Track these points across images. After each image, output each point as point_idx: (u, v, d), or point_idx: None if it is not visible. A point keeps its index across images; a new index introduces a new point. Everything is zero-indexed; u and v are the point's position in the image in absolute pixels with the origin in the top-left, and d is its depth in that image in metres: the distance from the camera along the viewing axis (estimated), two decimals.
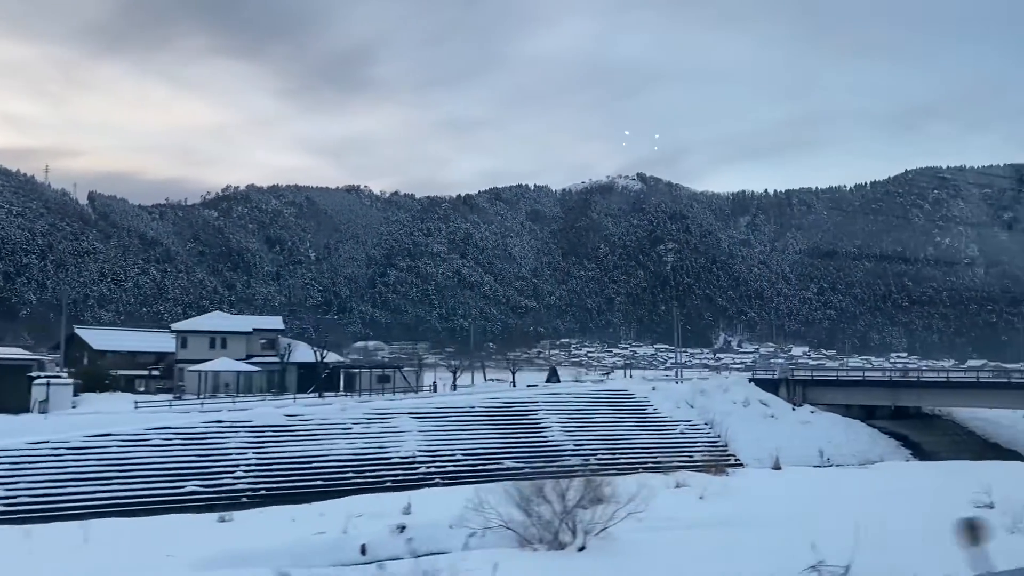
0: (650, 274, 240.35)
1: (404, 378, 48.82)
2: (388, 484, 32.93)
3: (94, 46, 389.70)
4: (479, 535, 13.41)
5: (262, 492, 29.88)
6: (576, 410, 42.81)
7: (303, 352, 52.61)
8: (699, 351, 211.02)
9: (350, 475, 32.17)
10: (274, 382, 47.72)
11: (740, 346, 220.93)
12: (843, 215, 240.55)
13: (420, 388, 47.30)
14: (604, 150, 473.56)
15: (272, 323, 59.54)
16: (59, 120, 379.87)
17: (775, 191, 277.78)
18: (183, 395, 46.18)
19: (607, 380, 53.35)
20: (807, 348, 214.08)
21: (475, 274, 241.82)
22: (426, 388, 48.83)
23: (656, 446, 40.47)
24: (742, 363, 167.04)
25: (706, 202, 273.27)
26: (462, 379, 60.81)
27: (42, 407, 38.22)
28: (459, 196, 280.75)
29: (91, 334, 64.28)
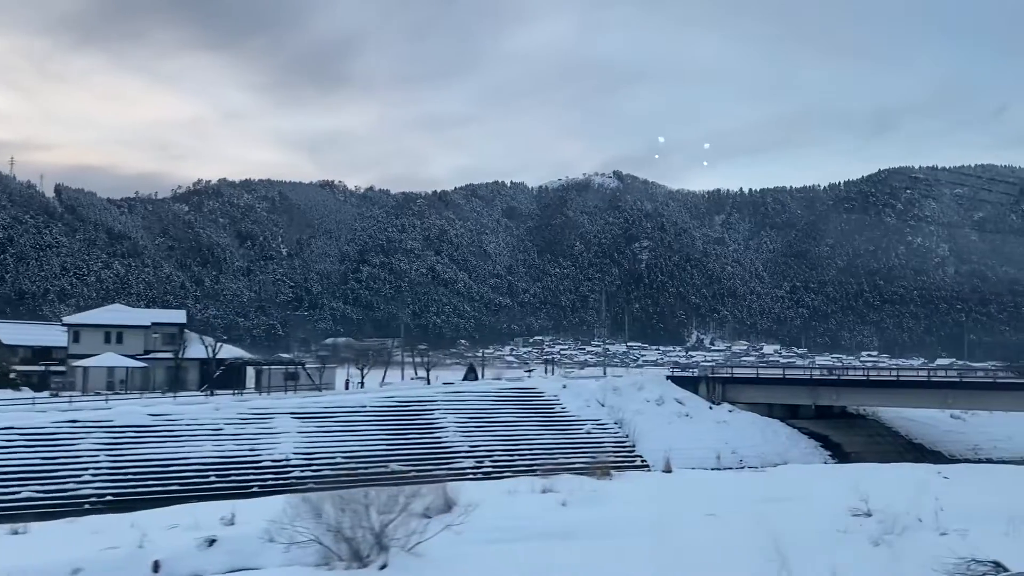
0: (625, 272, 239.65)
1: (308, 376, 47.06)
2: (255, 489, 31.37)
3: (68, 38, 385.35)
4: (293, 549, 12.02)
5: (108, 498, 28.15)
6: (478, 409, 41.22)
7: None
8: (671, 349, 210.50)
9: (212, 479, 30.51)
10: (172, 379, 46.11)
11: (713, 344, 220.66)
12: (816, 214, 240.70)
13: (324, 386, 45.62)
14: (582, 148, 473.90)
15: (173, 317, 57.17)
16: (32, 113, 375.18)
17: (750, 190, 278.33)
18: (60, 392, 44.04)
19: (526, 378, 51.86)
20: (779, 346, 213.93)
21: (449, 271, 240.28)
22: (327, 386, 45.64)
23: (559, 446, 39.00)
24: (713, 360, 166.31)
25: (682, 200, 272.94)
26: (390, 376, 58.90)
27: None
28: (435, 192, 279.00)
29: None
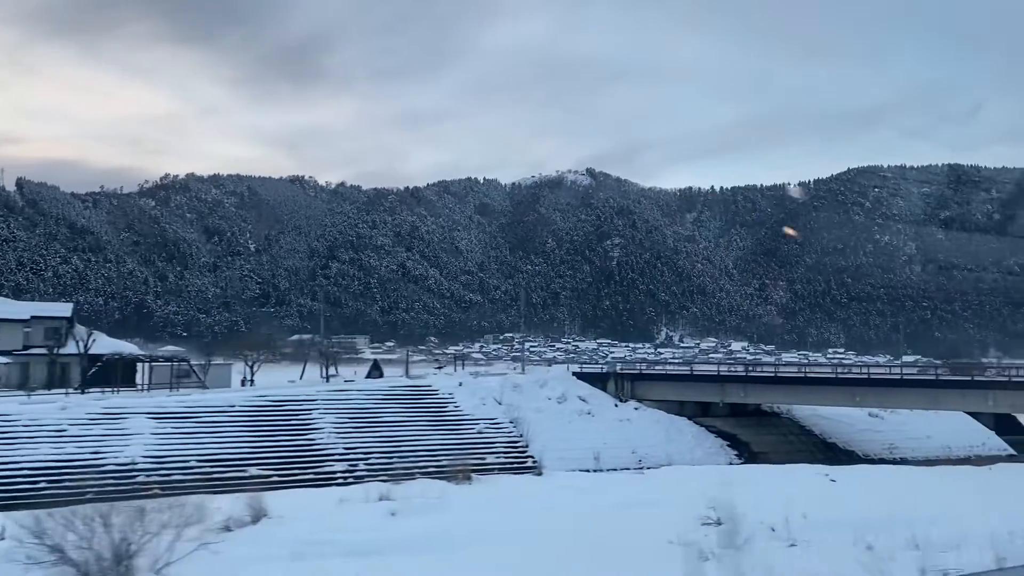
0: (596, 269, 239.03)
1: (195, 372, 45.36)
2: (90, 496, 29.56)
3: (40, 29, 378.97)
4: (35, 571, 10.52)
5: None
6: (362, 409, 39.57)
7: (105, 343, 48.96)
8: (641, 345, 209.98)
9: (42, 486, 28.79)
10: (51, 376, 44.35)
11: (682, 340, 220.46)
12: (786, 212, 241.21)
13: (213, 384, 44.02)
14: (557, 145, 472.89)
15: (57, 310, 54.27)
16: (1, 105, 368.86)
17: (721, 188, 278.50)
18: None
19: (432, 375, 50.34)
20: (747, 343, 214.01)
21: (420, 267, 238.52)
22: (222, 384, 43.28)
23: (445, 447, 37.39)
24: (680, 358, 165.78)
25: (654, 198, 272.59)
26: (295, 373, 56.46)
27: None
28: (407, 188, 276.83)
29: None
